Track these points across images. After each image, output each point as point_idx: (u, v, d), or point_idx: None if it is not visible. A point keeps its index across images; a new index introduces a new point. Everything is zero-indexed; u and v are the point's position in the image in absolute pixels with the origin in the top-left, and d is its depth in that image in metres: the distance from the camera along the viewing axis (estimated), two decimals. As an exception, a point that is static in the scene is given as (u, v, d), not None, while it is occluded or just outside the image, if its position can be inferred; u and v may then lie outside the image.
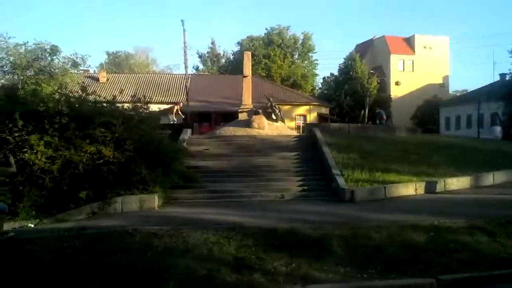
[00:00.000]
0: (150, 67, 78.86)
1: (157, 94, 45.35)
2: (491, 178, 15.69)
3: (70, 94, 14.18)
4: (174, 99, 45.21)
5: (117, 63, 77.98)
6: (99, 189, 12.34)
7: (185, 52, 41.48)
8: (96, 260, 7.92)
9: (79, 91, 14.25)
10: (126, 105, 14.68)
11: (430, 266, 7.72)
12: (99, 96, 14.52)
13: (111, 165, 12.67)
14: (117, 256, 8.09)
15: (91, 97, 14.11)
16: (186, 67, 41.88)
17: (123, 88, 28.50)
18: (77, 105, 13.33)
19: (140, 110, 14.51)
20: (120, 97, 15.31)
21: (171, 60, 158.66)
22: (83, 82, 24.65)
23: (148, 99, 15.61)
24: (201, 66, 77.12)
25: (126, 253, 8.22)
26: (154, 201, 12.73)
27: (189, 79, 45.41)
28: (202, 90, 46.51)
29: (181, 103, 25.50)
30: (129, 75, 53.62)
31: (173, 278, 7.30)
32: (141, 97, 15.18)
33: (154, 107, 22.79)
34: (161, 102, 41.69)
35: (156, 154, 13.55)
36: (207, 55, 77.19)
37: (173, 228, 9.29)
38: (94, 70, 58.75)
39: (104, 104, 13.88)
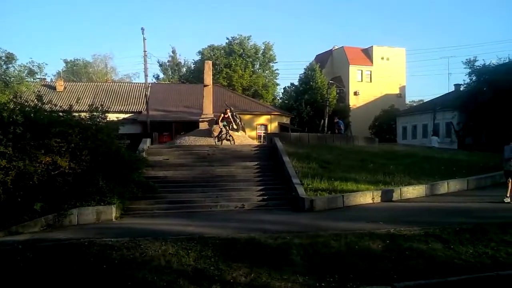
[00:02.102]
0: (109, 76, 77.63)
1: (116, 103, 44.72)
2: (445, 186, 16.12)
3: (26, 103, 13.79)
4: (133, 108, 44.70)
5: (75, 71, 76.52)
6: (54, 201, 12.01)
7: (145, 60, 41.05)
8: (50, 274, 7.73)
9: (35, 100, 13.88)
10: (83, 115, 14.39)
11: (387, 273, 7.89)
12: (56, 105, 14.20)
13: (67, 176, 12.42)
14: (73, 269, 7.92)
15: (47, 106, 13.77)
16: (146, 75, 41.40)
17: (81, 97, 27.87)
18: (32, 115, 12.96)
19: (98, 120, 14.25)
20: (77, 106, 15.00)
21: (130, 69, 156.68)
22: (39, 91, 23.93)
23: (106, 108, 15.34)
24: (161, 75, 76.80)
25: (82, 266, 8.06)
26: (112, 212, 12.50)
27: (149, 88, 44.88)
28: (163, 99, 46.14)
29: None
30: (87, 84, 52.65)
31: (131, 291, 7.20)
32: (98, 106, 14.92)
33: (112, 116, 22.46)
34: (120, 111, 41.11)
35: (114, 164, 13.32)
36: (167, 63, 76.87)
37: (130, 239, 9.17)
38: (51, 79, 57.68)
39: (61, 114, 13.56)
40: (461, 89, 50.61)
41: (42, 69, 39.22)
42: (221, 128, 23.13)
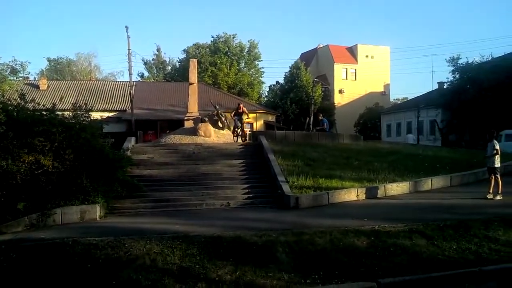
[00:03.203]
0: (93, 74, 76.98)
1: (100, 102, 44.42)
2: (429, 183, 16.26)
3: (8, 102, 13.63)
4: (118, 107, 44.44)
5: (58, 70, 75.73)
6: (38, 200, 11.90)
7: (129, 58, 40.82)
8: (34, 273, 7.67)
9: (18, 98, 13.73)
10: (66, 113, 14.26)
11: (371, 270, 7.95)
12: (39, 104, 14.05)
13: (51, 175, 12.30)
14: (57, 269, 7.86)
15: (30, 105, 13.63)
16: (130, 74, 41.15)
17: (64, 96, 27.62)
18: (15, 113, 12.82)
19: (81, 118, 14.15)
20: (60, 105, 14.89)
21: (115, 67, 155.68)
22: (22, 90, 23.65)
23: (90, 107, 15.25)
24: (146, 73, 76.32)
25: (66, 266, 7.99)
26: (96, 211, 12.41)
27: (134, 86, 44.67)
28: (147, 98, 45.94)
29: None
30: (71, 82, 52.17)
31: (114, 290, 7.16)
32: (82, 104, 14.79)
33: (96, 115, 22.29)
34: (104, 110, 40.81)
35: (98, 163, 13.22)
36: (152, 62, 76.46)
37: (115, 239, 9.12)
38: (35, 77, 56.94)
39: (44, 112, 13.42)
40: (445, 87, 51.08)
41: (25, 67, 38.77)
42: (235, 122, 23.56)
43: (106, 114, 39.47)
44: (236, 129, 23.61)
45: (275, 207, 13.74)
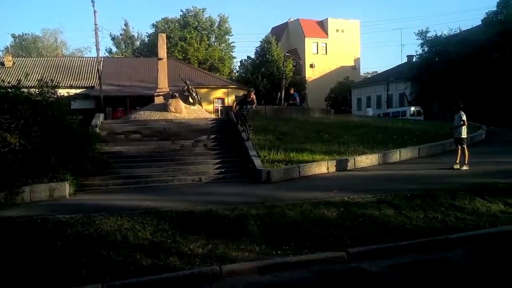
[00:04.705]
0: (60, 50, 75.06)
1: (67, 78, 43.40)
2: (397, 155, 16.52)
3: (-28, 80, 13.19)
4: (86, 83, 43.61)
5: (24, 46, 73.72)
6: (5, 179, 11.69)
7: (96, 34, 39.89)
8: (2, 252, 7.54)
9: (-19, 76, 13.31)
10: (32, 90, 13.90)
11: (341, 240, 8.09)
12: (4, 81, 13.66)
13: (18, 153, 12.07)
14: (26, 247, 7.74)
15: (-5, 82, 13.24)
16: (97, 49, 40.26)
17: (30, 72, 26.87)
18: (-21, 91, 12.46)
19: (48, 95, 13.81)
20: (26, 82, 14.51)
21: (82, 43, 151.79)
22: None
23: (57, 83, 14.88)
24: (114, 49, 74.86)
25: (36, 243, 7.88)
26: (65, 189, 12.23)
27: (102, 62, 43.80)
28: (116, 74, 45.12)
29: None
30: (37, 59, 50.69)
31: (85, 266, 7.11)
32: (48, 81, 14.43)
33: (63, 92, 21.77)
34: (72, 87, 39.95)
35: (66, 140, 12.97)
36: (120, 37, 74.95)
37: (85, 215, 9.03)
38: None
39: (9, 90, 13.07)
40: (414, 60, 51.76)
41: (-11, 44, 37.57)
42: (239, 112, 17.79)
43: (73, 91, 38.64)
44: (243, 123, 17.32)
45: (247, 181, 13.77)
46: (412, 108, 42.14)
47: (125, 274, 6.88)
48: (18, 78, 14.36)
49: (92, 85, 42.96)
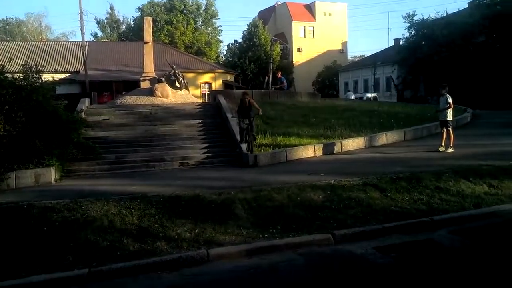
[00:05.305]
0: (44, 35, 73.96)
1: (52, 63, 42.89)
2: (384, 138, 16.62)
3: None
4: (71, 68, 43.15)
5: (7, 30, 72.54)
6: (-11, 165, 11.55)
7: (81, 17, 39.45)
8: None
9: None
10: (16, 75, 13.71)
11: (327, 222, 8.15)
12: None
13: (2, 139, 11.95)
14: (12, 233, 7.70)
15: (-22, 68, 13.03)
16: (82, 33, 40.13)
17: (14, 57, 26.51)
18: (-38, 77, 12.26)
19: (32, 80, 13.64)
20: (10, 67, 14.30)
21: (67, 27, 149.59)
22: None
23: (41, 68, 14.68)
24: (99, 33, 73.89)
25: (21, 229, 7.84)
26: (51, 174, 12.15)
27: (87, 46, 43.29)
28: (102, 58, 44.67)
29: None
30: (21, 43, 49.99)
31: (72, 251, 7.10)
32: (33, 66, 14.24)
33: (48, 77, 21.50)
34: (56, 72, 39.46)
35: (51, 126, 12.84)
36: (105, 21, 73.97)
37: (71, 201, 8.98)
38: (-17, 39, 54.30)
39: (-8, 75, 12.88)
40: (401, 43, 51.81)
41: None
42: (239, 123, 14.50)
43: (58, 76, 38.21)
44: (245, 134, 14.27)
45: (234, 165, 13.79)
46: (368, 94, 46.23)
47: (112, 259, 6.88)
48: (2, 63, 14.15)
49: (77, 69, 42.50)
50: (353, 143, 15.64)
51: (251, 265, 6.68)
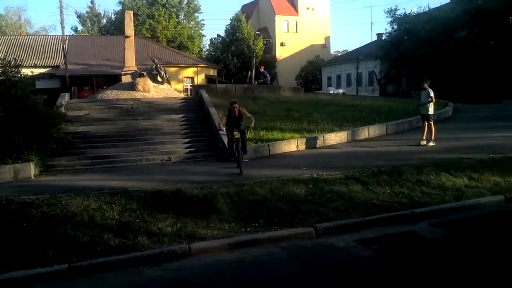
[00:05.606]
0: (23, 29, 72.70)
1: (32, 57, 42.18)
2: (366, 132, 16.71)
3: None
4: (51, 62, 42.54)
5: (-14, 25, 71.01)
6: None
7: (61, 11, 38.83)
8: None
9: None
10: (-5, 70, 13.46)
11: (309, 216, 8.15)
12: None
13: (-20, 134, 11.70)
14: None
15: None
16: (62, 27, 39.43)
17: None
18: None
19: (11, 74, 13.41)
20: (-12, 62, 13.99)
21: (46, 21, 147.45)
22: None
23: (20, 62, 14.44)
24: (80, 27, 72.93)
25: (0, 225, 7.70)
26: (30, 170, 11.96)
27: (67, 40, 42.69)
28: (82, 53, 44.08)
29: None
30: (-1, 37, 49.04)
31: (52, 247, 7.00)
32: (11, 60, 13.99)
33: (27, 71, 21.15)
34: (36, 66, 38.87)
35: (30, 121, 12.66)
36: (86, 15, 73.04)
37: (51, 196, 8.85)
38: (-40, 33, 53.20)
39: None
40: (383, 38, 52.11)
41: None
42: (228, 135, 12.83)
43: (38, 70, 37.59)
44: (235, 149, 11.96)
45: (217, 160, 13.73)
46: (331, 91, 46.85)
47: (93, 254, 6.79)
48: (-19, 58, 13.92)
49: (58, 64, 41.89)
50: (336, 137, 15.68)
51: (233, 259, 6.65)
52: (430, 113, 14.68)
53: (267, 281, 5.91)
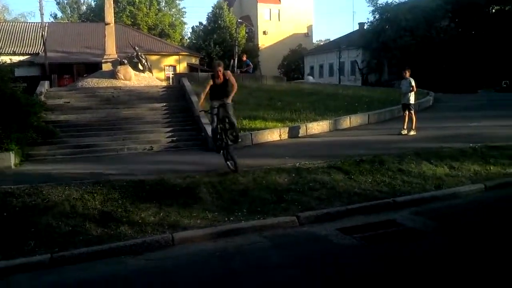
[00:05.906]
0: (1, 16, 71.18)
1: (10, 45, 41.39)
2: (348, 121, 16.81)
3: None
4: (30, 50, 41.78)
5: (-39, 11, 69.33)
6: None
7: (40, -3, 38.00)
8: None
9: None
10: (-28, 57, 13.21)
11: (292, 205, 8.20)
12: None
13: (-42, 124, 11.48)
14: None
15: None
16: (42, 14, 38.97)
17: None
18: None
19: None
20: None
21: (25, 8, 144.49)
22: None
23: (-2, 50, 14.22)
24: (59, 14, 71.74)
25: (-22, 216, 7.60)
26: (10, 159, 11.78)
27: (46, 27, 41.92)
28: (62, 40, 43.37)
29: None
30: (-24, 25, 47.96)
31: (33, 237, 6.93)
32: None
33: (6, 58, 20.79)
34: (15, 53, 38.19)
35: (9, 109, 12.43)
36: (66, 2, 71.78)
37: (31, 186, 8.74)
38: None
39: None
40: (365, 27, 52.23)
41: None
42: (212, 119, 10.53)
43: (17, 58, 36.97)
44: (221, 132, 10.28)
45: (200, 149, 13.69)
46: (310, 80, 47.83)
47: (75, 244, 6.75)
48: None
49: (37, 51, 41.17)
50: (318, 127, 15.75)
51: (216, 248, 6.66)
52: (411, 102, 14.82)
53: (251, 270, 5.94)
